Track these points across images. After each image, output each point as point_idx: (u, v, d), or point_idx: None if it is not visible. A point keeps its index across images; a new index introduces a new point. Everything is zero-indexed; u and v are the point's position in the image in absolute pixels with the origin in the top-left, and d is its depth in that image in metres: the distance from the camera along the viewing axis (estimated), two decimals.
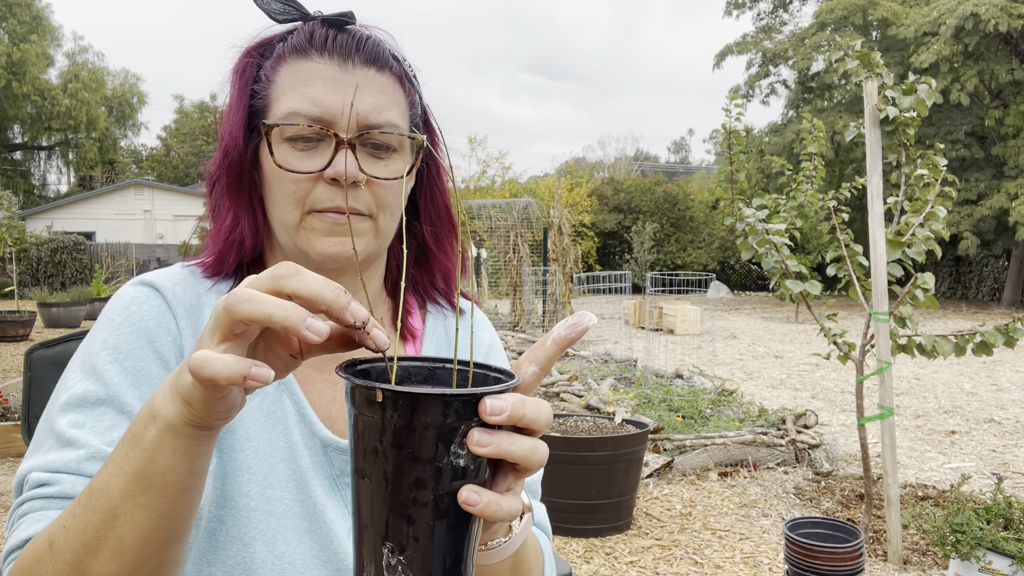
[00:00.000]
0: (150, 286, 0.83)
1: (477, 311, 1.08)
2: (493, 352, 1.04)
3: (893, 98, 3.56)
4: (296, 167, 0.79)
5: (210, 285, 0.87)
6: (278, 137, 0.80)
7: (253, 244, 0.86)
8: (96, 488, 0.59)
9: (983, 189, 19.67)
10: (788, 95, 26.24)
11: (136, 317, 0.81)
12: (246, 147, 0.84)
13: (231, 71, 0.86)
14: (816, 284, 3.79)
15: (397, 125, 0.82)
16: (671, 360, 9.37)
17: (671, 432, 5.32)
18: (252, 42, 0.86)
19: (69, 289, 15.76)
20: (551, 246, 11.53)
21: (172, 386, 0.56)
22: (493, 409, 0.49)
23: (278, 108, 0.80)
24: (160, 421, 0.56)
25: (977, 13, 18.06)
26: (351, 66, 0.80)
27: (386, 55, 0.84)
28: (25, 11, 32.62)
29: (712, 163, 59.00)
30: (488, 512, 0.50)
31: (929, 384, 8.76)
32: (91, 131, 35.26)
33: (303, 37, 0.82)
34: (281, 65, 0.82)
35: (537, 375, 0.57)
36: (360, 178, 0.80)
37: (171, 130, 45.29)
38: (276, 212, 0.83)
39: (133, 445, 0.57)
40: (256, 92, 0.83)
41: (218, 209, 0.87)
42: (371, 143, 0.81)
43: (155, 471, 0.56)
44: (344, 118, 0.79)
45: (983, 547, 2.98)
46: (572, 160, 34.77)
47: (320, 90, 0.79)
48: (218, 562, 0.78)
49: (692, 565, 3.55)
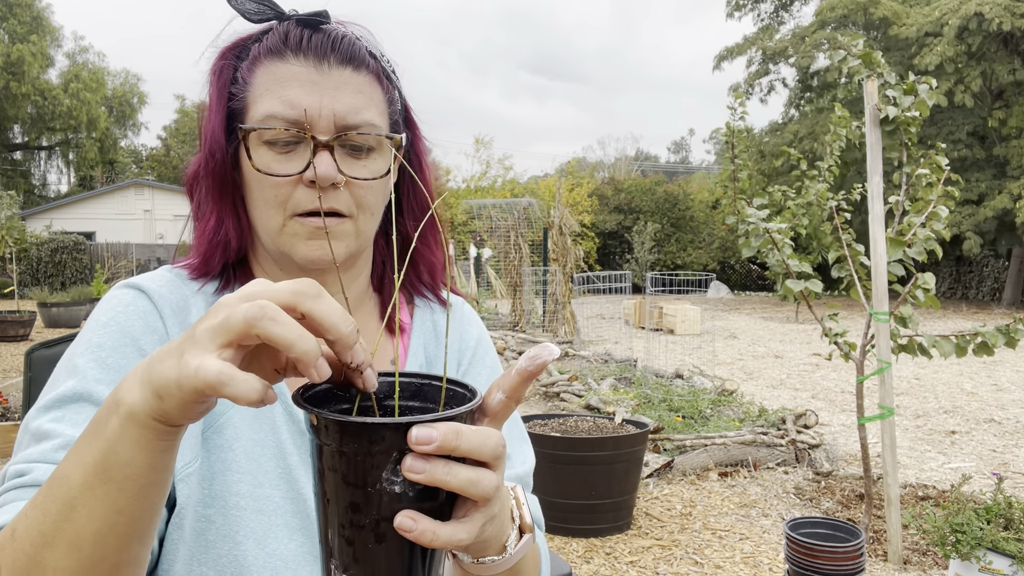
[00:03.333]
0: (136, 288, 0.84)
1: (465, 306, 1.08)
2: (482, 347, 1.04)
3: (894, 98, 3.56)
4: (275, 170, 0.80)
5: (197, 287, 0.87)
6: (256, 140, 0.80)
7: (238, 245, 0.87)
8: (57, 477, 0.57)
9: (984, 189, 19.66)
10: (788, 94, 26.23)
11: (122, 317, 0.81)
12: (227, 149, 0.84)
13: (209, 72, 0.85)
14: (817, 283, 3.79)
15: (375, 125, 0.82)
16: (671, 360, 9.37)
17: (671, 432, 5.32)
18: (228, 42, 0.86)
19: (69, 289, 15.76)
20: (551, 246, 11.53)
21: (144, 375, 0.53)
22: (420, 439, 0.49)
23: (255, 111, 0.80)
24: (123, 410, 0.53)
25: (981, 12, 18.01)
26: (327, 66, 0.80)
27: (362, 53, 0.83)
28: (25, 11, 32.63)
29: (712, 163, 59.03)
30: (424, 540, 0.50)
31: (929, 384, 8.76)
32: (91, 131, 35.27)
33: (278, 38, 0.81)
34: (257, 67, 0.82)
35: (504, 403, 0.57)
36: (339, 180, 0.80)
37: (171, 130, 45.30)
38: (258, 215, 0.83)
39: (95, 435, 0.55)
40: (234, 94, 0.83)
41: (202, 210, 0.88)
42: (349, 144, 0.81)
43: (115, 463, 0.54)
44: (321, 120, 0.79)
45: (983, 547, 2.98)
46: (573, 160, 34.75)
47: (296, 92, 0.79)
48: (209, 561, 0.78)
49: (692, 565, 3.54)
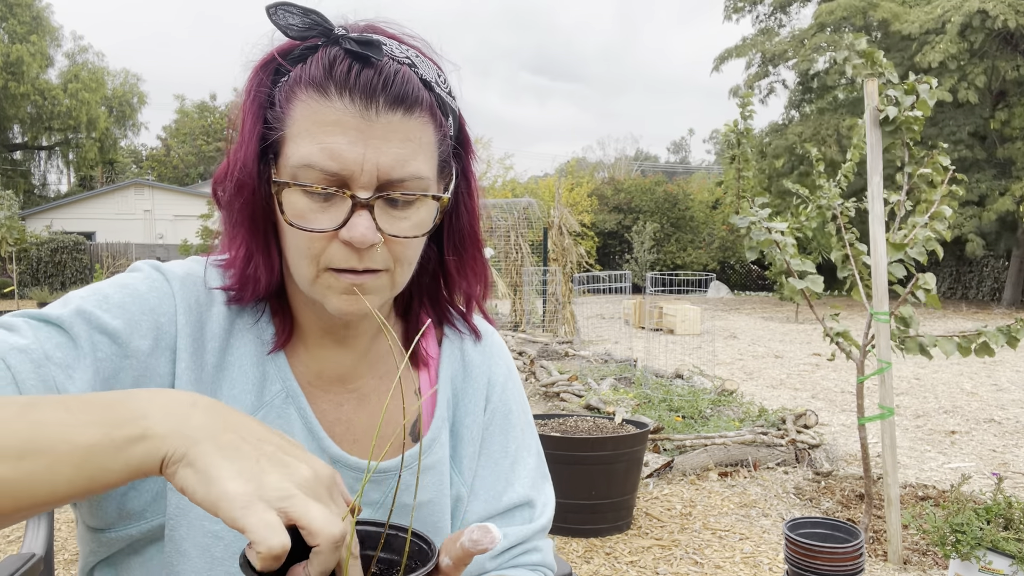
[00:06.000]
0: (160, 272, 0.81)
1: (495, 337, 1.02)
2: (509, 387, 0.99)
3: (895, 97, 3.55)
4: (310, 223, 0.73)
5: (225, 296, 0.83)
6: (291, 187, 0.74)
7: (267, 283, 0.82)
8: (35, 419, 0.54)
9: (985, 190, 19.66)
10: (788, 95, 26.23)
11: (142, 286, 0.78)
12: (259, 178, 0.77)
13: (243, 90, 0.77)
14: (819, 281, 3.78)
15: (422, 177, 0.74)
16: (671, 360, 9.37)
17: (671, 432, 5.32)
18: (266, 54, 0.77)
19: (69, 289, 15.73)
20: (551, 246, 11.54)
21: (191, 438, 0.56)
22: None
23: (293, 152, 0.73)
24: (147, 444, 0.55)
25: (985, 9, 17.96)
26: (375, 112, 0.71)
27: (417, 91, 0.74)
28: (25, 11, 32.65)
29: (712, 163, 59.02)
30: None
31: (929, 384, 8.76)
32: (91, 131, 35.30)
33: (322, 68, 0.72)
34: (295, 97, 0.73)
35: (452, 567, 0.61)
36: (377, 241, 0.73)
37: (171, 130, 45.30)
38: (292, 262, 0.78)
39: (102, 426, 0.55)
40: (268, 121, 0.75)
41: (234, 235, 0.82)
42: (391, 197, 0.74)
43: (98, 464, 0.55)
44: (364, 175, 0.72)
45: (983, 547, 2.98)
46: (573, 160, 34.75)
47: (339, 140, 0.71)
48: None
49: (692, 565, 3.54)
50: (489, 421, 0.96)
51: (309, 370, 0.86)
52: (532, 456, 0.99)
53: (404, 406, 0.86)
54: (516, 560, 0.94)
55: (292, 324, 0.85)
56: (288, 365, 0.84)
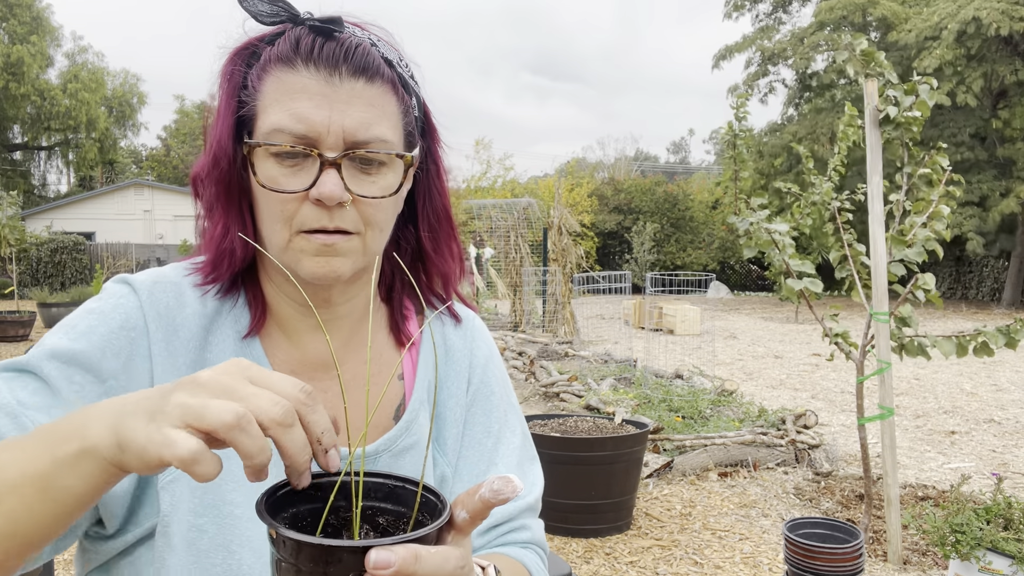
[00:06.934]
0: (127, 284, 0.84)
1: (476, 321, 1.05)
2: (491, 369, 1.02)
3: (894, 97, 3.55)
4: (281, 186, 0.77)
5: (200, 294, 0.86)
6: (263, 153, 0.78)
7: (243, 254, 0.85)
8: None
9: (985, 191, 19.67)
10: (787, 94, 26.23)
11: (107, 307, 0.81)
12: (235, 156, 0.82)
13: (219, 73, 0.83)
14: (817, 282, 3.78)
15: (386, 140, 0.79)
16: (671, 360, 9.37)
17: (671, 432, 5.32)
18: (239, 44, 0.82)
19: (69, 289, 15.78)
20: (551, 246, 11.54)
21: (114, 421, 0.55)
22: (378, 564, 0.49)
23: (263, 121, 0.78)
24: (85, 444, 0.56)
25: (978, 17, 18.06)
26: (338, 78, 0.77)
27: (377, 63, 0.79)
28: (25, 11, 32.65)
29: (712, 163, 59.00)
30: None
31: (929, 384, 8.76)
32: (91, 131, 35.28)
33: (289, 45, 0.78)
34: (267, 74, 0.79)
35: (468, 521, 0.59)
36: (345, 199, 0.77)
37: (171, 130, 45.30)
38: (265, 229, 0.82)
39: (48, 447, 0.57)
40: (243, 101, 0.81)
41: (211, 214, 0.86)
42: (359, 159, 0.79)
43: (56, 484, 0.56)
44: (330, 135, 0.76)
45: (983, 547, 2.98)
46: (573, 160, 34.77)
47: (305, 105, 0.76)
48: (201, 571, 0.77)
49: (692, 565, 3.55)
50: (471, 402, 0.99)
51: (291, 357, 0.88)
52: (516, 436, 1.01)
53: (384, 390, 0.86)
54: (505, 538, 0.94)
55: (264, 308, 0.88)
56: (263, 352, 0.86)
